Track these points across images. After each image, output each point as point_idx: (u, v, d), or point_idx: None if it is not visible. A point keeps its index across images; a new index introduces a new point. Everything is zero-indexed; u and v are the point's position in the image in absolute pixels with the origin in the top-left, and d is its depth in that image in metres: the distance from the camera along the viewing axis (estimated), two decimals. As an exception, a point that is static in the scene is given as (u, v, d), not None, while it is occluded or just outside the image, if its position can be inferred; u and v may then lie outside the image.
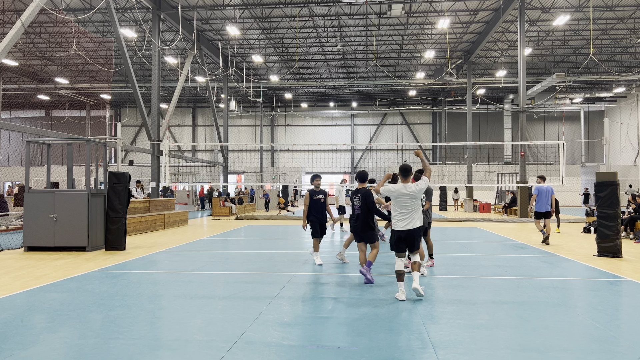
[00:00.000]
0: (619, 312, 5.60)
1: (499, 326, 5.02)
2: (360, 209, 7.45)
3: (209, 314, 5.41)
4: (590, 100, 41.00)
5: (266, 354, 4.17)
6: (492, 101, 40.85)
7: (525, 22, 23.61)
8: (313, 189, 8.95)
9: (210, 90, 29.77)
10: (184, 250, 10.88)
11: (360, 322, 5.15)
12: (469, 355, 4.15)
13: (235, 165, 46.44)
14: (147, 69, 32.63)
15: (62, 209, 10.46)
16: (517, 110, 24.01)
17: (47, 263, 8.94)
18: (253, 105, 47.44)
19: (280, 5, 24.27)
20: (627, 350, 4.31)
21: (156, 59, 21.83)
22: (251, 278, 7.57)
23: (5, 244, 11.50)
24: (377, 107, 46.41)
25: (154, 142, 21.87)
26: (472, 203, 29.83)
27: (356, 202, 7.53)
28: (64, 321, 5.10)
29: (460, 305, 5.90)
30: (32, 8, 14.31)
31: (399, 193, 6.20)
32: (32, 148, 12.23)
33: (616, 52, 32.21)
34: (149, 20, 25.86)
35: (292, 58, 34.33)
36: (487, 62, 35.37)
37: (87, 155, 11.06)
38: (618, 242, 9.91)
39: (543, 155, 44.70)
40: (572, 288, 6.94)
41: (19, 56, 31.07)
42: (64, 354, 4.13)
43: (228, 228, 17.12)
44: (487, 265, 8.98)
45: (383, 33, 29.11)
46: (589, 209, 17.10)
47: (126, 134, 46.96)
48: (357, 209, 7.51)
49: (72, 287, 6.84)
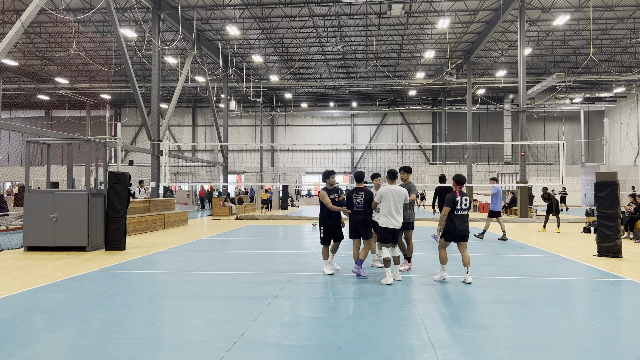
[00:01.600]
0: (619, 312, 5.60)
1: (499, 326, 5.02)
2: (362, 206, 7.71)
3: (209, 314, 5.41)
4: (590, 100, 41.02)
5: (266, 354, 4.17)
6: (492, 101, 40.85)
7: (525, 22, 23.61)
8: (326, 187, 7.94)
9: (210, 90, 29.77)
10: (184, 250, 10.88)
11: (360, 322, 5.15)
12: (469, 355, 4.15)
13: (235, 165, 46.44)
14: (147, 69, 32.63)
15: (62, 209, 10.46)
16: (517, 110, 24.02)
17: (47, 263, 8.94)
18: (253, 105, 47.44)
19: (280, 5, 24.27)
20: (627, 350, 4.31)
21: (156, 59, 21.83)
22: (251, 278, 7.57)
23: (5, 244, 11.50)
24: (377, 107, 46.41)
25: (154, 142, 21.87)
26: (472, 203, 29.84)
27: (357, 200, 7.74)
28: (64, 321, 5.10)
29: (460, 305, 5.90)
30: (32, 8, 14.30)
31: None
32: (32, 148, 12.23)
33: (616, 52, 32.21)
34: (149, 20, 25.86)
35: (292, 58, 34.33)
36: (487, 62, 35.37)
37: (87, 155, 11.06)
38: (618, 242, 9.91)
39: (543, 155, 44.71)
40: (572, 288, 6.94)
41: (19, 56, 31.07)
42: (63, 354, 4.13)
43: (228, 228, 17.12)
44: (487, 265, 8.98)
45: (383, 33, 29.11)
46: (589, 211, 17.09)
47: (126, 134, 46.97)
48: (358, 205, 7.73)
49: (72, 287, 6.84)
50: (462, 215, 7.22)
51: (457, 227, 7.20)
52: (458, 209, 7.20)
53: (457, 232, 7.23)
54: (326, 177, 7.98)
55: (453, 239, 7.31)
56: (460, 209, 7.21)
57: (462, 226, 7.21)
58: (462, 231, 7.22)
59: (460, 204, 7.21)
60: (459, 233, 7.24)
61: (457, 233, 7.24)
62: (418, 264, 8.92)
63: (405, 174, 8.56)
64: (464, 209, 7.24)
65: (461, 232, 7.23)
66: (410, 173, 8.56)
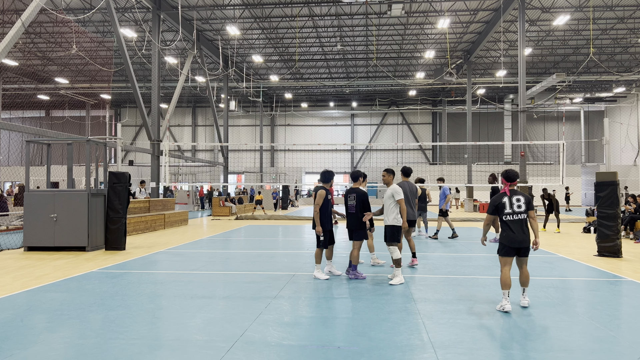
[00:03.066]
0: (619, 312, 5.60)
1: (499, 326, 5.02)
2: (354, 208, 7.46)
3: (209, 314, 5.41)
4: (590, 100, 41.02)
5: (266, 354, 4.17)
6: (492, 101, 40.86)
7: (525, 22, 23.59)
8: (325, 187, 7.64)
9: (210, 90, 29.77)
10: (184, 250, 10.88)
11: (360, 322, 5.15)
12: (469, 355, 4.16)
13: (235, 165, 46.44)
14: (147, 69, 32.63)
15: (62, 209, 10.46)
16: (517, 110, 24.01)
17: (47, 263, 8.94)
18: (253, 105, 47.44)
19: (280, 5, 24.27)
20: (627, 350, 4.31)
21: (156, 59, 21.83)
22: (251, 278, 7.57)
23: (5, 244, 11.50)
24: (377, 107, 46.42)
25: (154, 142, 21.87)
26: (472, 203, 29.83)
27: (350, 202, 7.52)
28: (64, 321, 5.10)
29: (460, 305, 5.90)
30: (32, 8, 14.30)
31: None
32: (32, 148, 12.23)
33: (616, 52, 32.21)
34: (149, 20, 25.86)
35: (292, 58, 34.33)
36: (487, 62, 35.37)
37: (87, 155, 11.06)
38: (618, 242, 9.92)
39: (543, 155, 44.72)
40: (572, 288, 6.94)
41: (19, 56, 31.07)
42: (63, 354, 4.13)
43: (228, 228, 17.12)
44: (487, 265, 8.98)
45: (383, 33, 29.11)
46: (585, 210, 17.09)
47: (126, 134, 46.96)
48: (351, 207, 7.51)
49: (72, 287, 6.84)
50: (516, 221, 5.66)
51: (511, 236, 5.65)
52: (508, 212, 5.70)
53: (513, 244, 5.63)
54: (328, 179, 7.68)
55: (509, 253, 5.70)
56: (511, 212, 5.69)
57: (519, 235, 5.62)
58: (519, 242, 5.61)
59: (511, 206, 5.71)
60: (515, 244, 5.62)
61: (513, 244, 5.63)
62: (418, 264, 8.93)
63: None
64: (517, 212, 5.69)
65: (518, 244, 5.61)
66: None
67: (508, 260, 5.71)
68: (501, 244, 5.74)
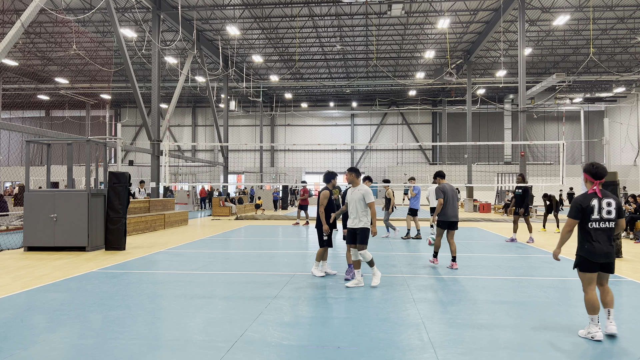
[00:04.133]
0: (619, 312, 5.60)
1: (499, 326, 5.02)
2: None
3: (209, 314, 5.41)
4: (590, 100, 41.01)
5: (266, 354, 4.17)
6: (492, 101, 40.85)
7: (525, 22, 23.59)
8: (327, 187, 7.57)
9: (210, 90, 29.76)
10: (184, 250, 10.88)
11: (360, 322, 5.15)
12: (469, 355, 4.16)
13: (235, 165, 46.44)
14: (147, 69, 32.61)
15: (62, 209, 10.46)
16: (517, 110, 24.01)
17: (47, 263, 8.94)
18: (253, 105, 47.44)
19: (280, 5, 24.27)
20: (627, 351, 4.31)
21: (156, 59, 21.83)
22: (251, 278, 7.57)
23: (5, 244, 11.50)
24: (377, 107, 46.42)
25: (154, 142, 21.87)
26: (472, 203, 29.83)
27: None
28: (64, 321, 5.10)
29: (460, 305, 5.90)
30: (32, 8, 14.30)
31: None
32: (32, 148, 12.23)
33: (616, 52, 32.21)
34: (149, 20, 25.85)
35: (292, 58, 34.32)
36: (487, 62, 35.37)
37: (87, 155, 11.06)
38: (618, 242, 9.91)
39: (543, 155, 44.72)
40: (572, 288, 6.94)
41: (19, 56, 31.06)
42: (64, 354, 4.13)
43: (228, 228, 17.12)
44: (487, 265, 8.98)
45: (383, 33, 29.11)
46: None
47: (126, 134, 46.95)
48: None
49: (72, 287, 6.84)
50: (603, 229, 4.56)
51: (596, 248, 4.53)
52: (595, 219, 4.56)
53: (597, 258, 4.51)
54: (330, 179, 7.59)
55: (593, 268, 4.57)
56: (598, 219, 4.56)
57: (605, 247, 4.53)
58: (605, 256, 4.52)
59: (600, 211, 4.56)
60: (601, 259, 4.52)
61: (597, 259, 4.52)
62: (418, 264, 8.93)
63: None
64: (606, 218, 4.57)
65: (603, 258, 4.52)
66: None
67: (593, 277, 4.58)
68: (581, 258, 4.62)
